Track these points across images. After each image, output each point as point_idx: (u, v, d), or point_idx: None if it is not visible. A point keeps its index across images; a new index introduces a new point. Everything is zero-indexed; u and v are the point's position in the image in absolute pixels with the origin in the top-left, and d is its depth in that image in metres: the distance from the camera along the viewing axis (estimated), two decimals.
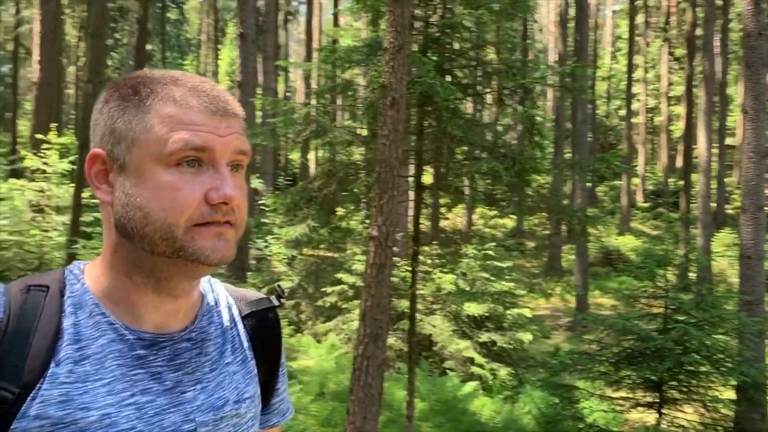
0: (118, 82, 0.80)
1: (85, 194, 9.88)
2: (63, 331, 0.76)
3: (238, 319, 0.92)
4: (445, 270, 9.26)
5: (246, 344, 0.92)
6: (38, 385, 0.73)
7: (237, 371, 0.88)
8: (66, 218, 9.81)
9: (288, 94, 40.15)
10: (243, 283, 9.08)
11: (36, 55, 13.16)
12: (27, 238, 10.11)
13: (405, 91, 4.83)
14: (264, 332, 0.95)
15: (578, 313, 13.68)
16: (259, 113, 16.08)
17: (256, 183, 11.92)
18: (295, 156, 29.88)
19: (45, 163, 11.64)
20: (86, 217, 10.36)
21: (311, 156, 28.70)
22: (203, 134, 0.76)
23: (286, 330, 10.14)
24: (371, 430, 4.95)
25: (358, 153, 6.41)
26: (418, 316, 8.13)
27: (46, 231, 10.44)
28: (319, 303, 11.32)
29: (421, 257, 6.97)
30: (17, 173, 13.70)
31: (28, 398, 0.72)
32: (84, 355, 0.76)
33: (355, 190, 5.82)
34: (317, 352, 9.93)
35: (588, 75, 17.28)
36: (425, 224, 15.01)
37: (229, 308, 0.92)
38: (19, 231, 10.08)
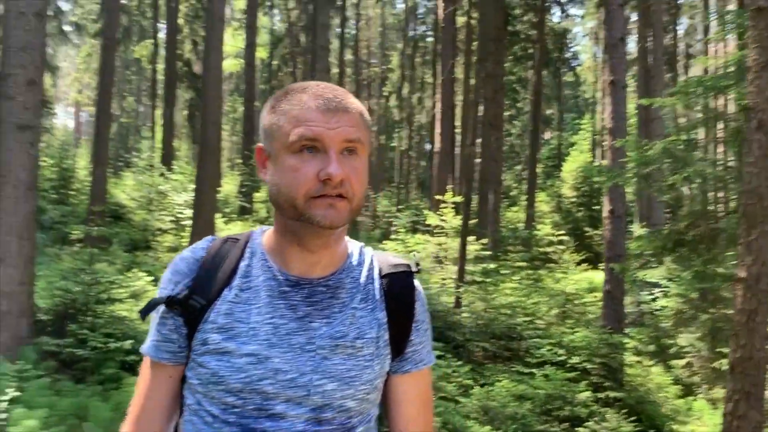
0: (278, 93, 1.10)
1: (470, 248, 10.91)
2: (239, 269, 1.09)
3: (376, 277, 1.14)
4: None
5: (378, 297, 1.12)
6: (216, 301, 1.06)
7: (363, 316, 1.09)
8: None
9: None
10: (622, 335, 8.74)
11: (438, 128, 15.30)
12: (429, 284, 11.64)
13: None
14: (397, 290, 1.13)
15: None
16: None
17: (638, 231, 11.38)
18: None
19: (443, 220, 13.28)
20: (473, 267, 11.42)
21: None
22: (315, 128, 1.01)
23: (672, 389, 9.32)
24: None
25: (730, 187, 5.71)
26: None
27: (444, 279, 11.84)
28: (716, 365, 10.05)
29: None
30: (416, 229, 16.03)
31: (209, 309, 1.05)
32: (248, 286, 1.07)
33: (726, 229, 5.20)
34: (712, 420, 8.81)
35: None
36: None
37: (371, 268, 1.14)
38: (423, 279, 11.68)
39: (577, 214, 27.57)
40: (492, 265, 12.11)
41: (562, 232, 13.94)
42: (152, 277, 9.78)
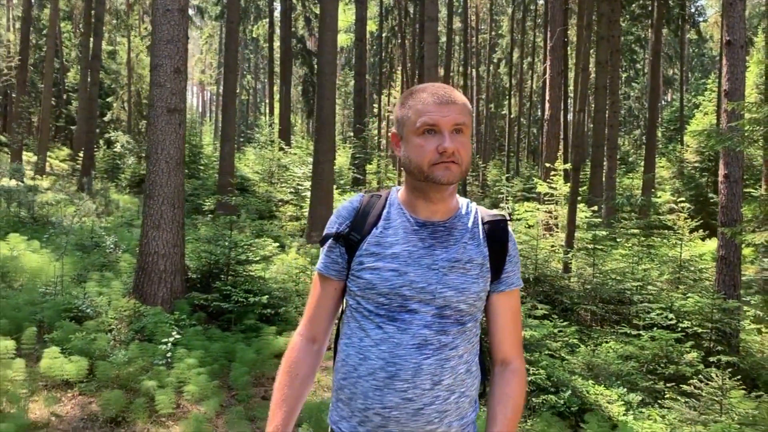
0: (405, 92, 1.57)
1: (580, 215, 10.95)
2: (382, 214, 1.59)
3: (479, 223, 1.62)
4: None
5: (482, 237, 1.60)
6: (368, 236, 1.56)
7: (471, 248, 1.57)
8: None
9: None
10: (738, 301, 8.58)
11: (547, 95, 15.22)
12: (538, 253, 11.84)
13: None
14: (495, 233, 1.61)
15: None
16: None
17: None
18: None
19: (552, 188, 13.32)
20: (584, 234, 11.46)
21: None
22: (434, 117, 1.49)
23: None
24: None
25: None
26: None
27: (553, 246, 11.97)
28: None
29: None
30: (527, 198, 16.05)
31: (363, 241, 1.56)
32: (389, 225, 1.58)
33: None
34: None
35: None
36: None
37: (476, 217, 1.62)
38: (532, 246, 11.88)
39: (701, 179, 26.24)
40: (603, 232, 12.08)
41: (683, 198, 13.50)
42: (278, 244, 10.70)
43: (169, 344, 5.21)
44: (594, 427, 4.93)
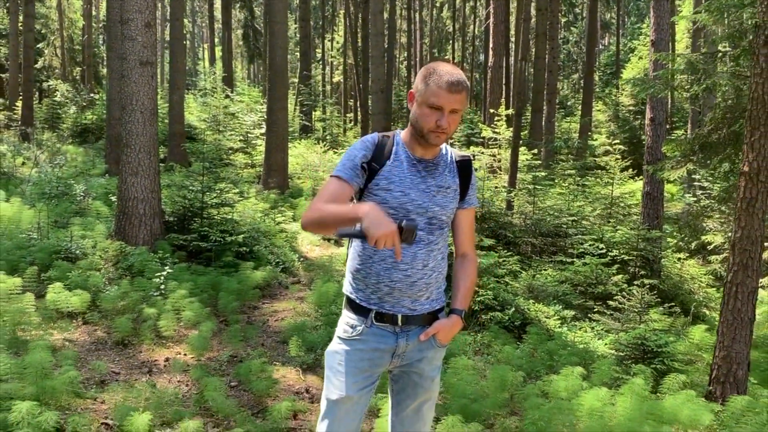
0: (429, 67, 2.16)
1: (521, 157, 11.78)
2: (392, 151, 2.22)
3: (453, 161, 2.27)
4: None
5: (455, 171, 2.26)
6: (383, 167, 2.19)
7: (449, 178, 2.24)
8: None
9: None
10: (660, 232, 9.68)
11: (491, 43, 15.87)
12: (483, 193, 12.72)
13: None
14: (463, 167, 2.29)
15: None
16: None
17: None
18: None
19: (496, 132, 14.14)
20: (524, 176, 12.35)
21: None
22: (441, 100, 2.08)
23: (705, 279, 10.23)
24: (740, 350, 5.32)
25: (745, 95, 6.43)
26: None
27: (497, 186, 12.86)
28: None
29: None
30: (470, 142, 16.84)
31: (380, 170, 2.19)
32: (397, 159, 2.21)
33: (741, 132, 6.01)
34: None
35: None
36: None
37: (452, 157, 2.28)
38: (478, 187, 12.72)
39: (635, 122, 27.58)
40: (542, 173, 13.01)
41: (617, 141, 14.51)
42: (237, 189, 11.16)
43: (162, 278, 5.78)
44: (534, 337, 5.82)
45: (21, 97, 20.82)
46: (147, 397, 3.82)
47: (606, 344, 6.02)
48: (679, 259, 10.40)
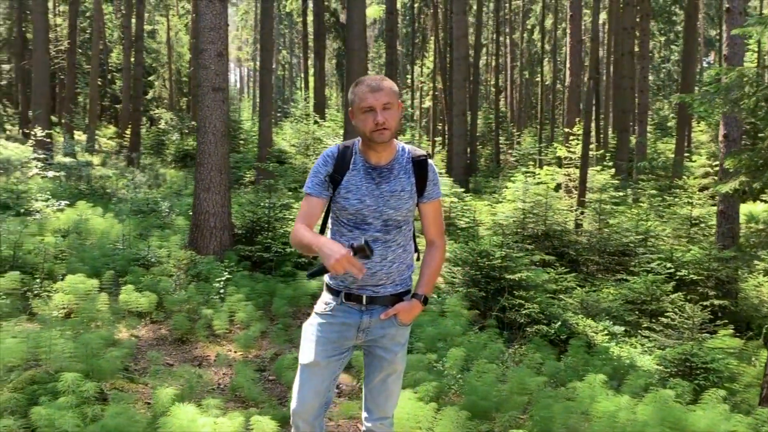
0: (354, 83, 2.46)
1: (598, 176, 11.67)
2: (351, 160, 2.49)
3: (409, 160, 2.52)
4: None
5: (411, 170, 2.51)
6: (345, 176, 2.47)
7: (404, 179, 2.48)
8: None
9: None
10: (735, 251, 9.28)
11: (569, 63, 15.79)
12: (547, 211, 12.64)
13: None
14: (419, 167, 2.51)
15: None
16: None
17: None
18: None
19: (571, 152, 14.03)
20: (599, 195, 12.18)
21: None
22: (369, 101, 2.36)
23: None
24: None
25: None
26: None
27: (571, 206, 12.74)
28: None
29: None
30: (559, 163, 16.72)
31: (342, 179, 2.47)
32: (355, 168, 2.48)
33: None
34: None
35: None
36: None
37: (408, 157, 2.52)
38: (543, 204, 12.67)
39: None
40: (619, 193, 12.77)
41: (716, 162, 13.92)
42: None
43: (222, 282, 6.31)
44: (574, 350, 5.85)
45: (130, 125, 22.71)
46: (191, 385, 4.26)
47: (652, 360, 5.94)
48: (759, 283, 9.91)
